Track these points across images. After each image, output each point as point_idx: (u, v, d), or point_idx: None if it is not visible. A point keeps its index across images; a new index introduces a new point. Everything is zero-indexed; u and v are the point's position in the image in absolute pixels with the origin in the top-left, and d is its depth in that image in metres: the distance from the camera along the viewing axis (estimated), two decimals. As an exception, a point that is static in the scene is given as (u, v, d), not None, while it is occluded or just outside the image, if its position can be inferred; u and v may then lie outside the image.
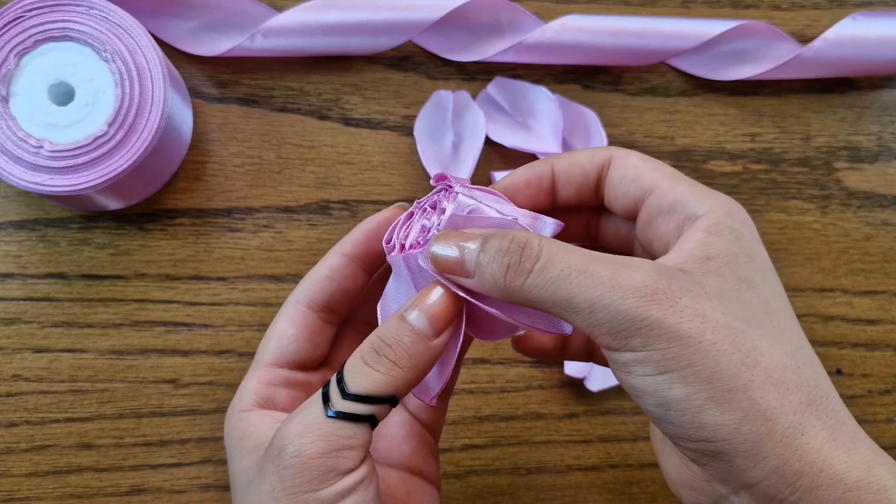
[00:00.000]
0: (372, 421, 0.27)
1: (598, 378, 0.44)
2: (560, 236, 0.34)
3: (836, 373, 0.47)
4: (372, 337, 0.28)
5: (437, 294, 0.28)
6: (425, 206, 0.30)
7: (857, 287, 0.47)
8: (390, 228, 0.31)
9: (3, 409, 0.42)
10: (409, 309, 0.28)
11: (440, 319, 0.28)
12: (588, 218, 0.33)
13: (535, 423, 0.45)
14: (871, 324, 0.47)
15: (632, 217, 0.30)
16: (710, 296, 0.25)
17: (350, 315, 0.34)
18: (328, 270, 0.32)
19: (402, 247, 0.30)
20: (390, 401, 0.27)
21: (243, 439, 0.30)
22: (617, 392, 0.45)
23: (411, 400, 0.34)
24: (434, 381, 0.30)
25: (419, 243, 0.29)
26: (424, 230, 0.29)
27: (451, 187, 0.30)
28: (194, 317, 0.44)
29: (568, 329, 0.29)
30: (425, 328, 0.27)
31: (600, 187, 0.31)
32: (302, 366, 0.32)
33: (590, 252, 0.26)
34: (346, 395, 0.27)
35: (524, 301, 0.26)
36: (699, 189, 0.29)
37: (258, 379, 0.31)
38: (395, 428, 0.33)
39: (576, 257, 0.25)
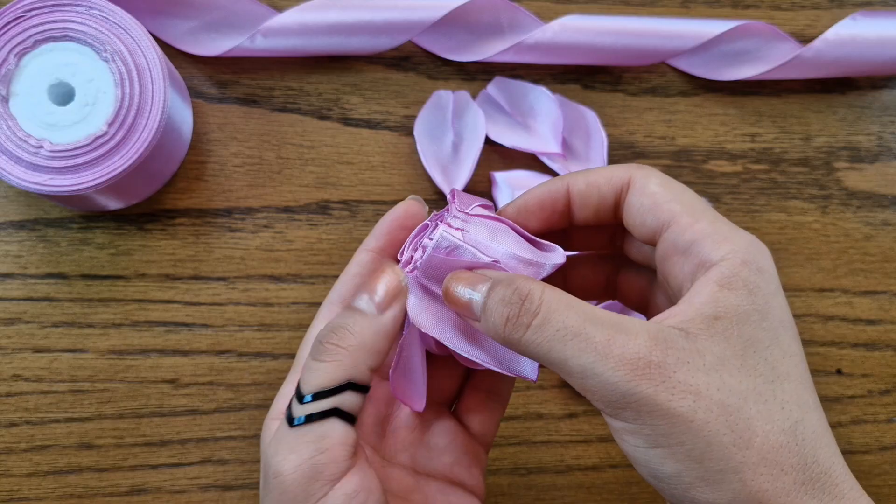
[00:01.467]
0: (339, 414, 0.26)
1: (598, 378, 0.44)
2: (584, 246, 0.33)
3: (836, 373, 0.47)
4: (319, 330, 0.28)
5: (379, 274, 0.28)
6: (437, 222, 0.30)
7: (857, 287, 0.47)
8: (407, 240, 0.31)
9: (3, 409, 0.42)
10: (353, 294, 0.28)
11: (384, 296, 0.28)
12: (612, 232, 0.32)
13: (535, 423, 0.45)
14: (871, 324, 0.47)
15: (651, 244, 0.29)
16: (708, 367, 0.24)
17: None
18: (357, 267, 0.31)
19: (409, 260, 0.30)
20: (349, 387, 0.27)
21: (266, 450, 0.29)
22: (617, 392, 0.45)
23: (461, 408, 0.33)
24: (413, 386, 0.30)
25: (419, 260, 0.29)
26: (422, 251, 0.29)
27: (447, 212, 0.29)
28: (194, 317, 0.44)
29: (532, 376, 0.29)
30: (366, 304, 0.27)
31: (619, 209, 0.30)
32: None
33: (589, 310, 0.25)
34: (301, 399, 0.26)
35: (523, 352, 0.26)
36: (719, 228, 0.27)
37: (291, 385, 0.31)
38: (438, 437, 0.32)
39: (573, 317, 0.25)
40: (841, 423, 0.46)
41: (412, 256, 0.30)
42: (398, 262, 0.31)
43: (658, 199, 0.28)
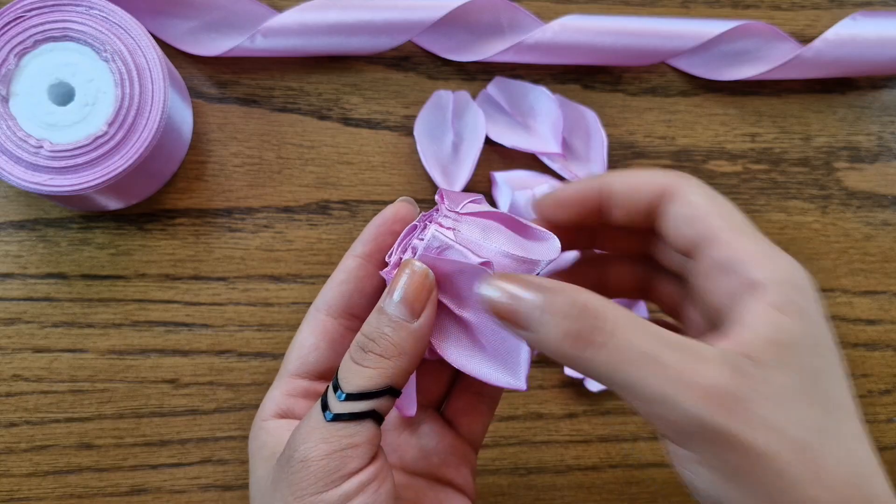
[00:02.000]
0: (374, 416, 0.27)
1: (598, 378, 0.44)
2: (613, 247, 0.32)
3: (836, 373, 0.47)
4: (358, 336, 0.28)
5: (405, 277, 0.28)
6: (426, 222, 0.30)
7: (857, 287, 0.47)
8: (396, 242, 0.30)
9: (3, 409, 0.42)
10: (385, 299, 0.28)
11: (415, 302, 0.28)
12: (644, 236, 0.31)
13: (535, 423, 0.45)
14: (871, 324, 0.47)
15: (686, 255, 0.28)
16: (782, 400, 0.24)
17: None
18: (343, 274, 0.32)
19: (398, 263, 0.29)
20: (388, 392, 0.27)
21: (262, 448, 0.30)
22: (617, 392, 0.45)
23: (449, 409, 0.34)
24: (404, 392, 0.30)
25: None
26: (414, 250, 0.29)
27: (437, 211, 0.29)
28: (194, 317, 0.44)
29: (523, 387, 0.28)
30: (403, 314, 0.27)
31: (654, 215, 0.29)
32: (323, 375, 0.32)
33: (660, 333, 0.24)
34: (341, 396, 0.27)
35: (584, 371, 0.25)
36: (762, 247, 0.26)
37: (280, 389, 0.31)
38: (426, 438, 0.33)
39: (647, 340, 0.24)
40: (841, 423, 0.46)
41: (401, 258, 0.29)
42: (386, 265, 0.30)
43: (699, 212, 0.27)
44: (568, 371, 0.44)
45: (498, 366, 0.29)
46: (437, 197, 0.30)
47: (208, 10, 0.44)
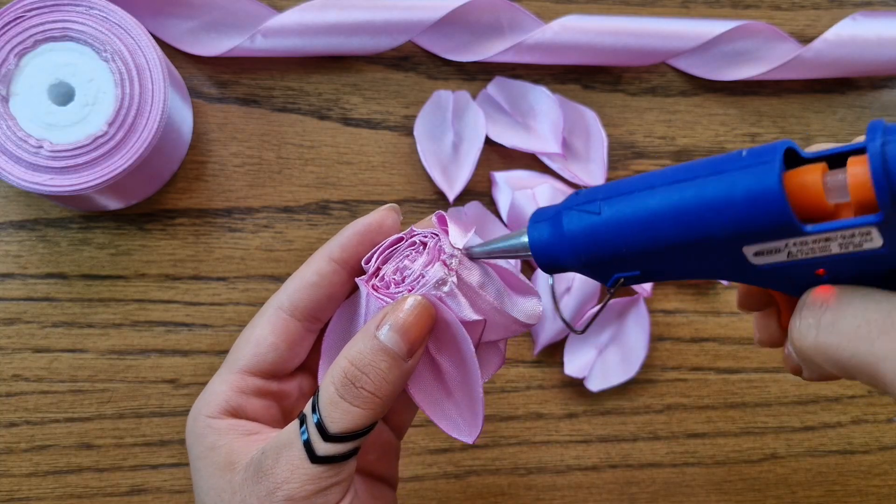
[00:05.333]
0: (356, 451, 0.27)
1: (598, 378, 0.44)
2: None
3: (836, 373, 0.47)
4: (343, 362, 0.26)
5: (410, 307, 0.26)
6: (415, 240, 0.29)
7: (857, 287, 0.47)
8: (374, 248, 0.30)
9: (3, 409, 0.42)
10: (380, 325, 0.26)
11: (416, 341, 0.26)
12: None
13: (535, 423, 0.45)
14: (871, 324, 0.47)
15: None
16: None
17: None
18: (316, 276, 0.30)
19: (376, 272, 0.29)
20: (372, 428, 0.27)
21: (212, 452, 0.29)
22: (617, 392, 0.45)
23: None
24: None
25: (391, 282, 0.28)
26: (399, 272, 0.28)
27: (435, 235, 0.29)
28: (194, 317, 0.44)
29: (468, 440, 0.28)
30: (400, 348, 0.26)
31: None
32: (276, 374, 0.31)
33: (892, 299, 0.21)
34: (326, 436, 0.26)
35: (815, 359, 0.22)
36: None
37: (230, 385, 0.30)
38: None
39: (876, 309, 0.21)
40: (841, 423, 0.46)
41: (379, 268, 0.29)
42: (362, 272, 0.30)
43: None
44: (568, 371, 0.44)
45: (458, 416, 0.29)
46: (435, 219, 0.29)
47: (208, 10, 0.44)
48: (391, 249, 0.29)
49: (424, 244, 0.29)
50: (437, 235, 0.29)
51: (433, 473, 0.44)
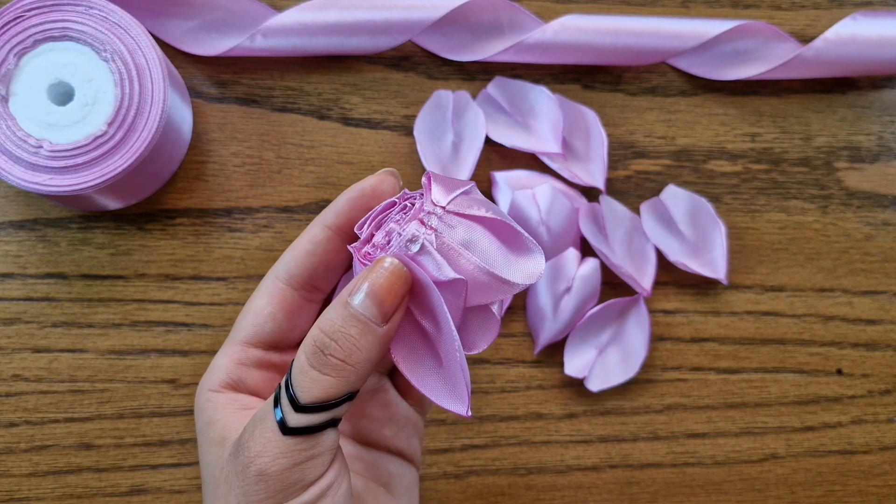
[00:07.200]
0: (333, 423, 0.26)
1: (598, 378, 0.44)
2: None
3: (836, 373, 0.47)
4: (314, 331, 0.25)
5: (382, 270, 0.25)
6: (406, 203, 0.28)
7: (857, 287, 0.47)
8: (368, 214, 0.28)
9: (3, 409, 0.42)
10: (354, 292, 0.25)
11: (387, 303, 0.25)
12: None
13: (535, 423, 0.45)
14: (871, 324, 0.47)
15: None
16: None
17: (334, 291, 0.31)
18: (310, 244, 0.29)
19: (369, 238, 0.27)
20: (348, 398, 0.26)
21: (210, 426, 0.28)
22: (617, 392, 0.45)
23: (400, 379, 0.32)
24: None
25: (379, 248, 0.27)
26: (387, 235, 0.27)
27: (419, 197, 0.27)
28: (194, 317, 0.44)
29: (463, 412, 0.26)
30: (372, 314, 0.25)
31: None
32: (278, 345, 0.30)
33: None
34: (297, 407, 0.25)
35: None
36: None
37: (230, 357, 0.30)
38: (378, 409, 0.31)
39: None
40: (841, 423, 0.46)
41: (372, 234, 0.27)
42: (356, 238, 0.28)
43: None
44: (568, 371, 0.44)
45: (443, 384, 0.27)
46: (423, 180, 0.27)
47: (208, 10, 0.44)
48: (384, 214, 0.28)
49: (414, 205, 0.27)
50: (422, 196, 0.27)
51: (433, 473, 0.44)
